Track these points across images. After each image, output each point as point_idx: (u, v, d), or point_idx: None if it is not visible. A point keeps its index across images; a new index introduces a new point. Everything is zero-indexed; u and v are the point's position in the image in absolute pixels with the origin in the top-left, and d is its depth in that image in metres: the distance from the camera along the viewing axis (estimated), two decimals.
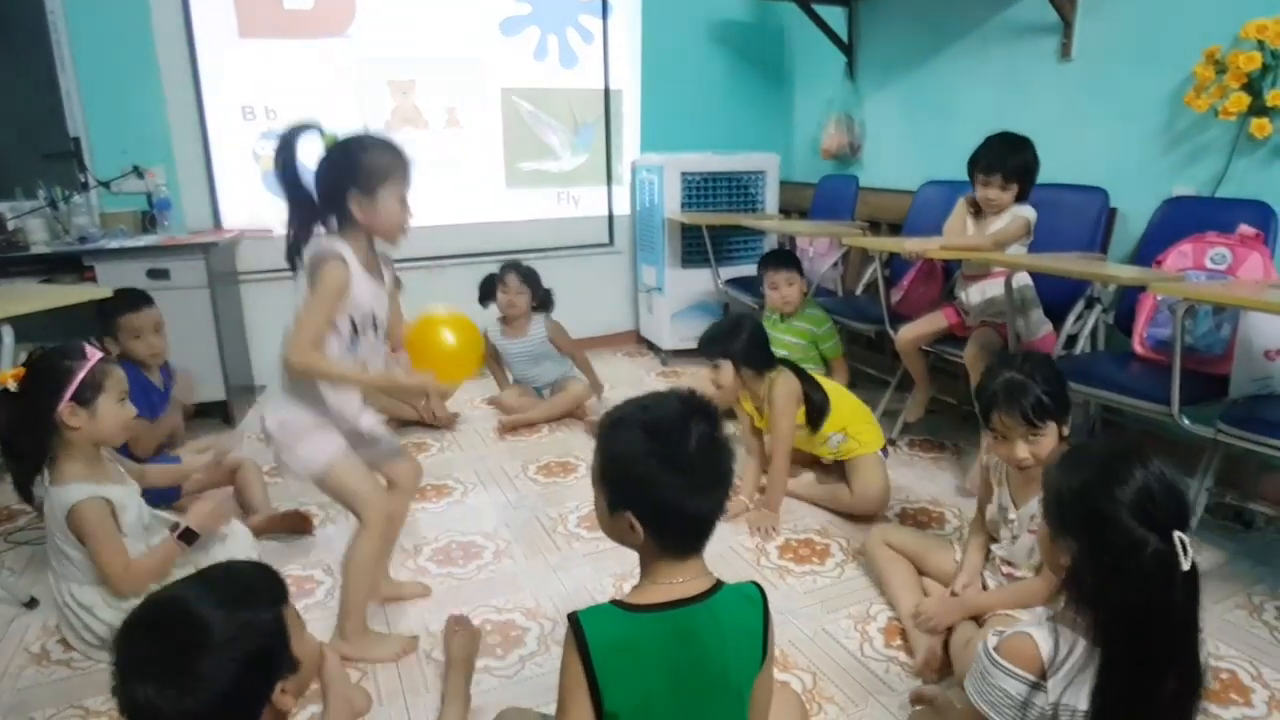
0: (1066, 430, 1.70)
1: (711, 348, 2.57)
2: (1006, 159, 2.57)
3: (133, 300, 2.65)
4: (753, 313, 3.91)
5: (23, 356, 2.18)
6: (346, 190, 1.69)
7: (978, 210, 2.71)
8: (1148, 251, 2.55)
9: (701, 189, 4.21)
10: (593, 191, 4.51)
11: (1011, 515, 1.80)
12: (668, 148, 4.43)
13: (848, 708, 1.69)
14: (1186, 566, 1.05)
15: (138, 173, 3.46)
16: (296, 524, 2.48)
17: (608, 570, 2.22)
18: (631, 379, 4.11)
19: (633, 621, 1.10)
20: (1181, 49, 2.56)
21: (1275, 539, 2.36)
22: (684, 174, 4.15)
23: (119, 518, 1.87)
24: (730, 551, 2.34)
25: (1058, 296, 2.66)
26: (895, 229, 3.64)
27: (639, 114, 4.51)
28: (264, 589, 1.08)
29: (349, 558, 1.82)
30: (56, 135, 3.45)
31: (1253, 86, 2.38)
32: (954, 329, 2.83)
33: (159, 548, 1.92)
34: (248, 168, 3.74)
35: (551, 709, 1.15)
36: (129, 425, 1.96)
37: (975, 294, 2.75)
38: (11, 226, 3.19)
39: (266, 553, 2.26)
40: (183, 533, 1.93)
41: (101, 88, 3.43)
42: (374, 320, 1.80)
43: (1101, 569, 1.08)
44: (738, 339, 2.53)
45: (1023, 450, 1.68)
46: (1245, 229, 2.32)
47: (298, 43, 3.70)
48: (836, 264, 3.85)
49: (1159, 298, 2.40)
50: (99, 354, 1.89)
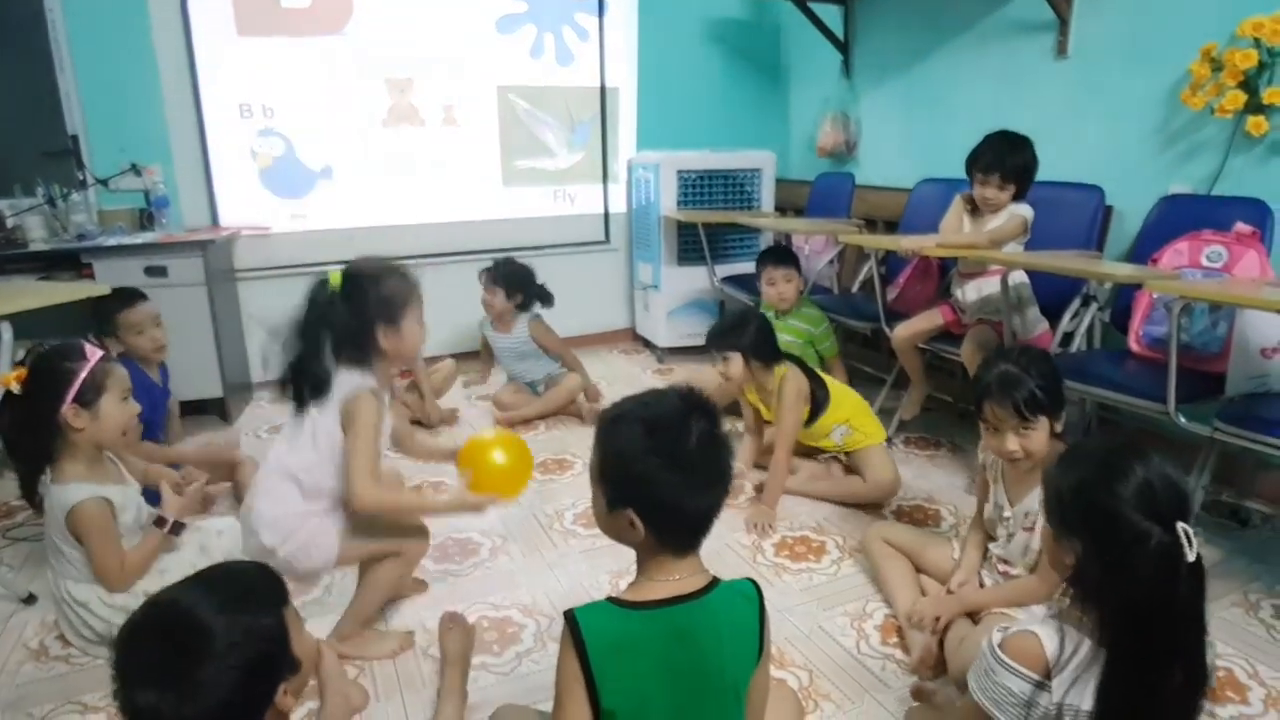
0: (1059, 426, 1.70)
1: (720, 341, 2.62)
2: (1006, 158, 2.57)
3: (127, 297, 2.67)
4: (750, 308, 3.92)
5: (21, 353, 2.18)
6: (373, 326, 1.70)
7: (974, 208, 2.71)
8: (1144, 249, 2.56)
9: (697, 187, 4.21)
10: (589, 189, 4.50)
11: (1007, 513, 1.80)
12: (664, 145, 4.43)
13: (844, 705, 1.69)
14: (1192, 557, 1.04)
15: (135, 170, 3.46)
16: None
17: (604, 567, 2.23)
18: (627, 377, 4.11)
19: (629, 619, 1.10)
20: (1178, 47, 2.57)
21: (1271, 537, 2.37)
22: (680, 172, 4.15)
23: (117, 518, 1.88)
24: (726, 549, 2.34)
25: (1054, 294, 2.66)
26: (891, 227, 3.65)
27: (635, 112, 4.51)
28: (265, 591, 1.08)
29: (375, 572, 1.84)
30: (55, 133, 3.44)
31: (1249, 84, 2.38)
32: (950, 327, 2.84)
33: (146, 541, 1.93)
34: (245, 165, 3.73)
35: (548, 706, 1.16)
36: (132, 424, 1.96)
37: (971, 292, 2.75)
38: (10, 224, 3.18)
39: None
40: (172, 526, 1.95)
41: (100, 86, 3.43)
42: (389, 436, 1.84)
43: (1106, 565, 1.07)
44: (746, 332, 2.58)
45: (1013, 443, 1.68)
46: (1241, 227, 2.32)
47: (295, 40, 3.70)
48: (832, 262, 3.86)
49: (1155, 295, 2.40)
50: (99, 353, 1.88)
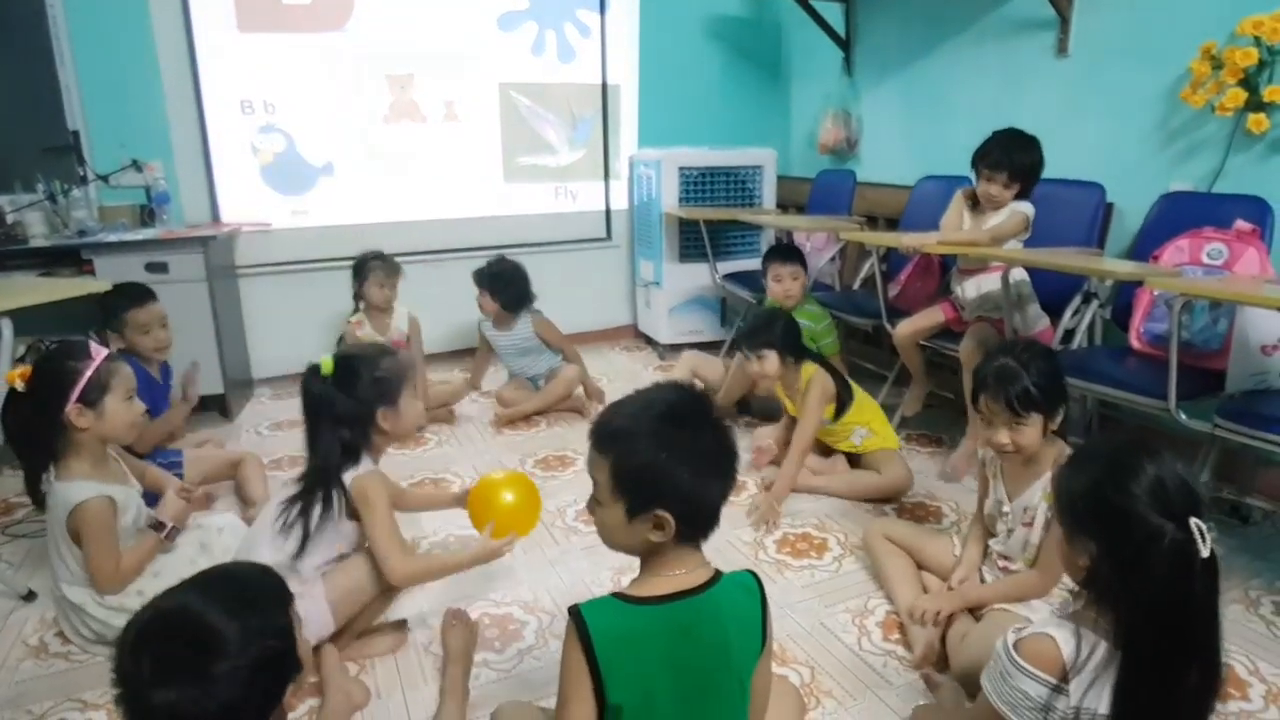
0: (1055, 425, 1.69)
1: (753, 340, 2.66)
2: (1014, 156, 2.55)
3: (138, 296, 2.64)
4: (751, 305, 3.92)
5: (21, 350, 2.17)
6: (375, 411, 1.73)
7: (975, 203, 2.71)
8: (1144, 247, 2.56)
9: (699, 184, 4.21)
10: (590, 186, 4.50)
11: (1006, 509, 1.80)
12: (665, 142, 4.42)
13: (845, 701, 1.70)
14: (1206, 553, 1.04)
15: (136, 166, 3.46)
16: None
17: (606, 564, 2.22)
18: (629, 373, 4.11)
19: (635, 614, 1.10)
20: (1178, 45, 2.57)
21: (1272, 533, 2.38)
22: (681, 169, 4.15)
23: (119, 518, 1.87)
24: (729, 545, 2.35)
25: (1055, 291, 2.67)
26: (893, 224, 3.65)
27: (637, 109, 4.51)
28: (270, 591, 1.08)
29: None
30: (55, 129, 3.44)
31: (1249, 82, 2.38)
32: (951, 324, 2.84)
33: (141, 544, 1.92)
34: (246, 162, 3.73)
35: (549, 703, 1.16)
36: (137, 422, 1.96)
37: (971, 289, 2.75)
38: (10, 220, 3.18)
39: None
40: (169, 531, 1.94)
41: (100, 82, 3.42)
42: None
43: (1121, 565, 1.07)
44: (776, 330, 2.63)
45: (1004, 436, 1.69)
46: (1242, 224, 2.32)
47: (296, 37, 3.69)
48: (834, 259, 3.86)
49: (1156, 293, 2.41)
50: (104, 351, 1.88)
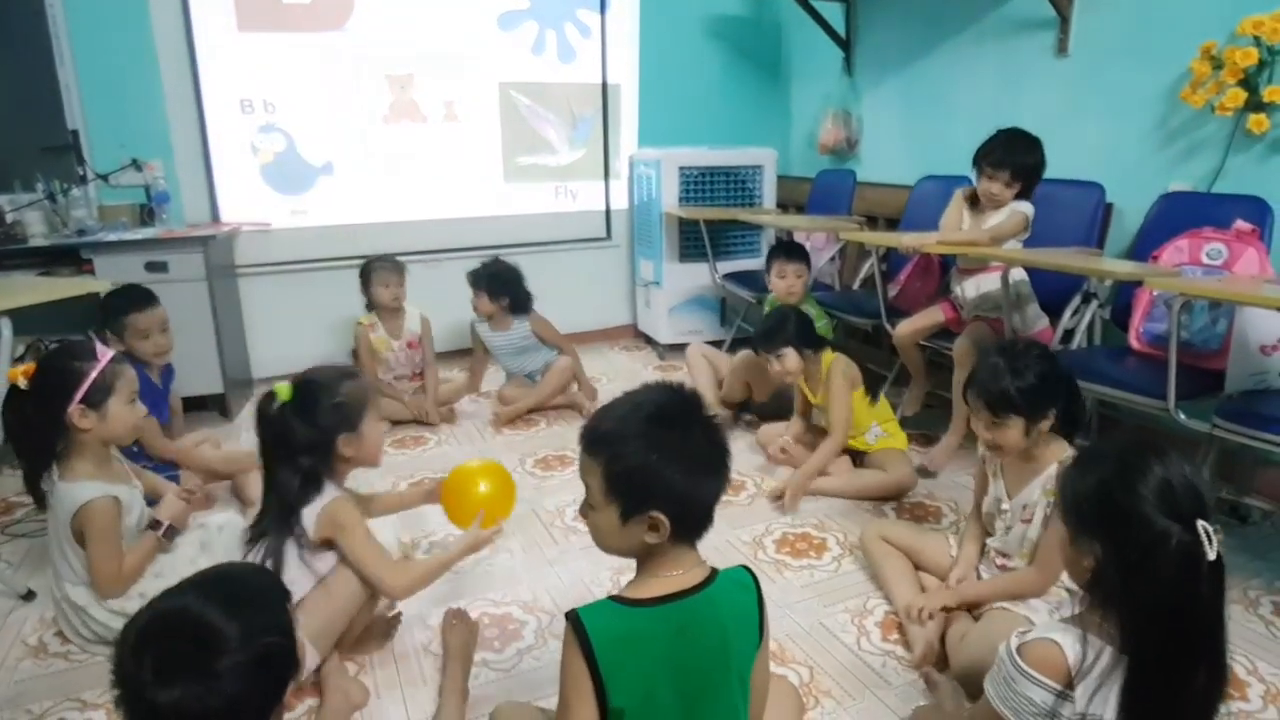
0: (1042, 427, 1.67)
1: (769, 341, 2.69)
2: (1017, 156, 2.55)
3: (140, 299, 2.63)
4: (751, 305, 3.93)
5: (20, 349, 2.17)
6: (336, 437, 1.68)
7: (974, 202, 2.71)
8: (1144, 247, 2.56)
9: (699, 183, 4.21)
10: (590, 186, 4.50)
11: (1005, 505, 1.80)
12: (665, 142, 4.42)
13: (844, 701, 1.70)
14: (1213, 556, 1.03)
15: (136, 166, 3.46)
16: None
17: (605, 563, 2.22)
18: (629, 373, 4.11)
19: (634, 616, 1.10)
20: (1178, 45, 2.57)
21: (1271, 533, 2.38)
22: (681, 168, 4.15)
23: (123, 519, 1.86)
24: (727, 545, 2.35)
25: (1054, 291, 2.67)
26: (892, 224, 3.65)
27: (637, 108, 4.51)
28: (269, 589, 1.08)
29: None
30: (55, 128, 3.44)
31: (1249, 82, 2.38)
32: (950, 324, 2.84)
33: (141, 545, 1.92)
34: (246, 161, 3.73)
35: (548, 703, 1.16)
36: (138, 426, 1.95)
37: (970, 288, 2.75)
38: (10, 219, 3.18)
39: None
40: (167, 529, 1.94)
41: (100, 81, 3.42)
42: None
43: (1127, 567, 1.06)
44: (789, 328, 2.67)
45: (985, 433, 1.71)
46: (1241, 224, 2.32)
47: (296, 36, 3.69)
48: (834, 259, 3.86)
49: (1155, 293, 2.41)
50: (109, 353, 1.88)
